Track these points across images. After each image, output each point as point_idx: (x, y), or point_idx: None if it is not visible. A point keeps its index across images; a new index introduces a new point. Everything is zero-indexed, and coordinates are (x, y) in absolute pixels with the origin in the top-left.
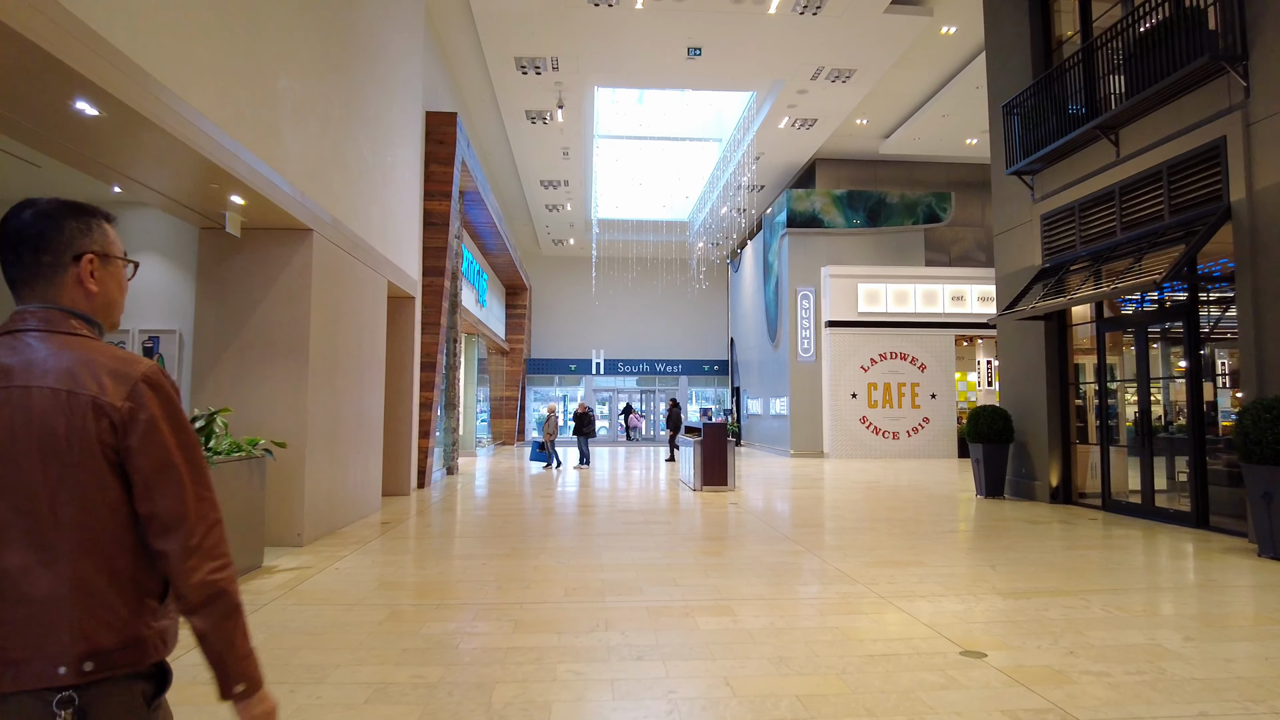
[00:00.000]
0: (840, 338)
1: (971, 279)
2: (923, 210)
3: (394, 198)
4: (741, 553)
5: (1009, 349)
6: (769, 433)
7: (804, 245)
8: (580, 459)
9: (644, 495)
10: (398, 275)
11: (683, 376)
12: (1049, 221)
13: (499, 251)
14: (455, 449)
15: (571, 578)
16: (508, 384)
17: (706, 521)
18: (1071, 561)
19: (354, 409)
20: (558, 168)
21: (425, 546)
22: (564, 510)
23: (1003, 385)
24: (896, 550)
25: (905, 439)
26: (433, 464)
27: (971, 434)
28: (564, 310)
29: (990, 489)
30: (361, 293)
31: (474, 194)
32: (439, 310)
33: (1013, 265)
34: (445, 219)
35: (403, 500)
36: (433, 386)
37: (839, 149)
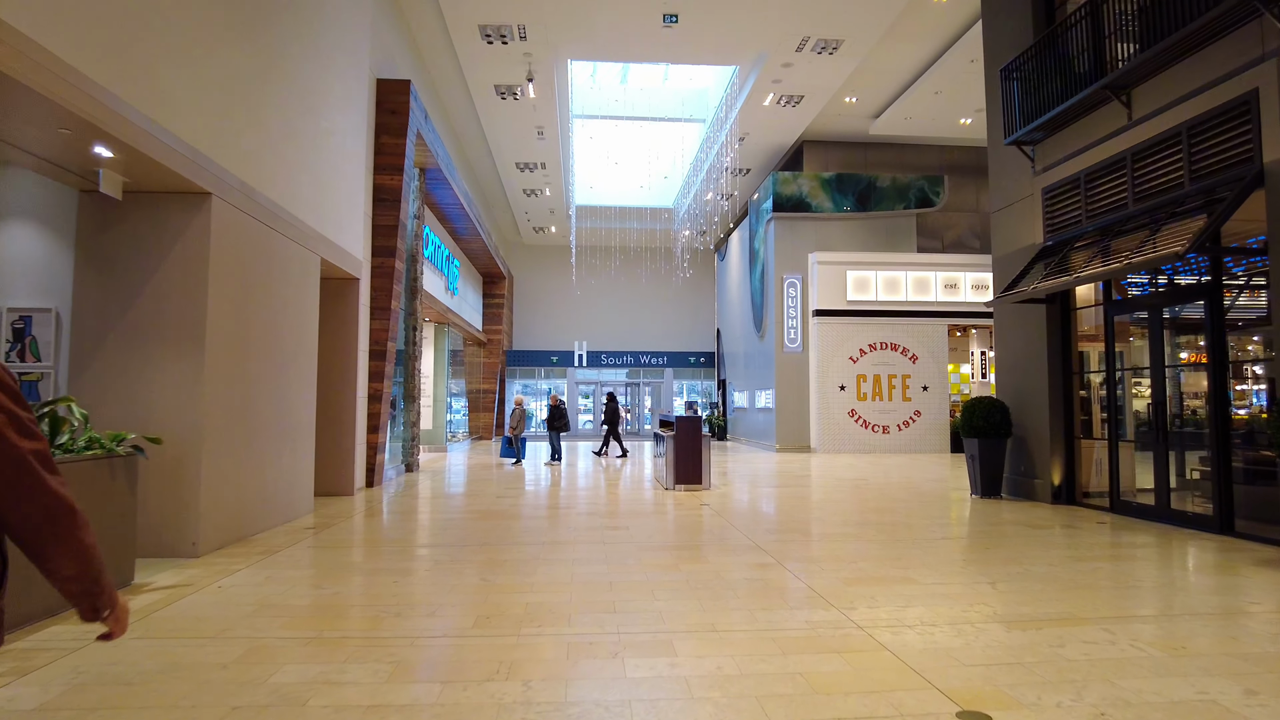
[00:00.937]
0: (828, 327)
1: (966, 266)
2: (915, 194)
3: (331, 168)
4: (702, 566)
5: (1006, 335)
6: (755, 427)
7: (791, 231)
8: (551, 455)
9: (611, 495)
10: (336, 254)
11: (668, 369)
12: (1051, 195)
13: (470, 236)
14: (415, 444)
15: (492, 601)
16: (485, 376)
17: (672, 526)
18: (1083, 577)
19: (274, 400)
20: (533, 149)
21: (340, 558)
22: (517, 513)
23: (999, 375)
24: (882, 562)
25: (895, 433)
26: (384, 461)
27: (966, 428)
28: (547, 301)
29: (986, 488)
30: (285, 270)
31: (437, 172)
32: (390, 294)
33: (1011, 244)
34: (398, 195)
35: (344, 501)
36: (384, 377)
37: (827, 130)
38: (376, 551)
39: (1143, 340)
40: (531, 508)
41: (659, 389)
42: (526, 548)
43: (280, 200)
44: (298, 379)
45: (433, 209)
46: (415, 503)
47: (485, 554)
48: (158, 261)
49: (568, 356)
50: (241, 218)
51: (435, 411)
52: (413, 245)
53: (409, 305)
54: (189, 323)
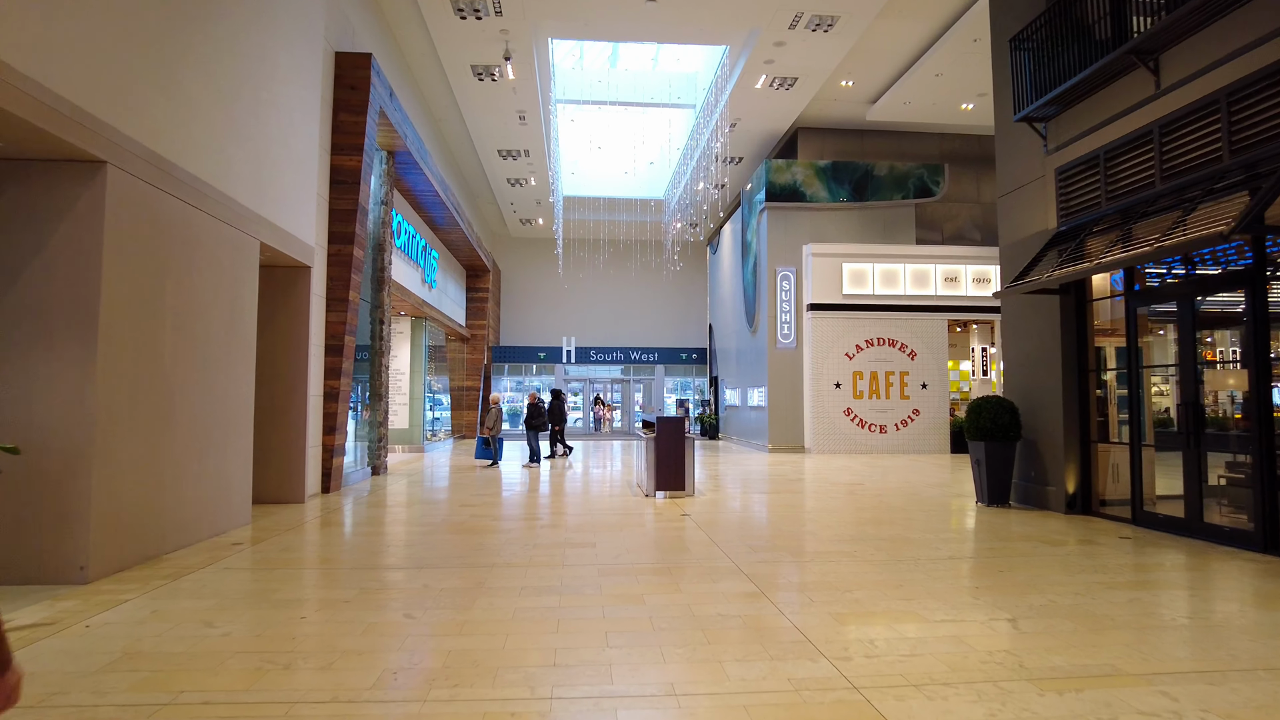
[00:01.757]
0: (823, 322)
1: (967, 258)
2: (914, 183)
3: (276, 145)
4: (672, 597)
5: (1016, 330)
6: (747, 426)
7: (784, 221)
8: (530, 456)
9: (584, 504)
10: (280, 238)
11: (659, 366)
12: (1066, 176)
13: (449, 227)
14: (383, 446)
15: (410, 646)
16: (469, 373)
17: (645, 543)
18: (1119, 611)
19: (197, 399)
20: (515, 135)
21: (254, 583)
22: (474, 525)
23: (1007, 373)
24: (881, 590)
25: (893, 433)
26: (343, 465)
27: (971, 430)
28: (535, 296)
29: (993, 495)
30: (213, 254)
31: (407, 155)
32: (348, 284)
33: (1020, 231)
34: (357, 177)
35: (290, 511)
36: (341, 373)
37: (822, 116)
38: (299, 575)
39: (1168, 334)
40: (493, 519)
41: (649, 386)
42: (473, 571)
43: (206, 175)
44: (230, 375)
45: (406, 196)
46: (368, 513)
47: (422, 579)
48: (41, 239)
49: (556, 353)
50: (150, 192)
51: (412, 410)
52: (379, 233)
53: (375, 297)
54: (78, 310)
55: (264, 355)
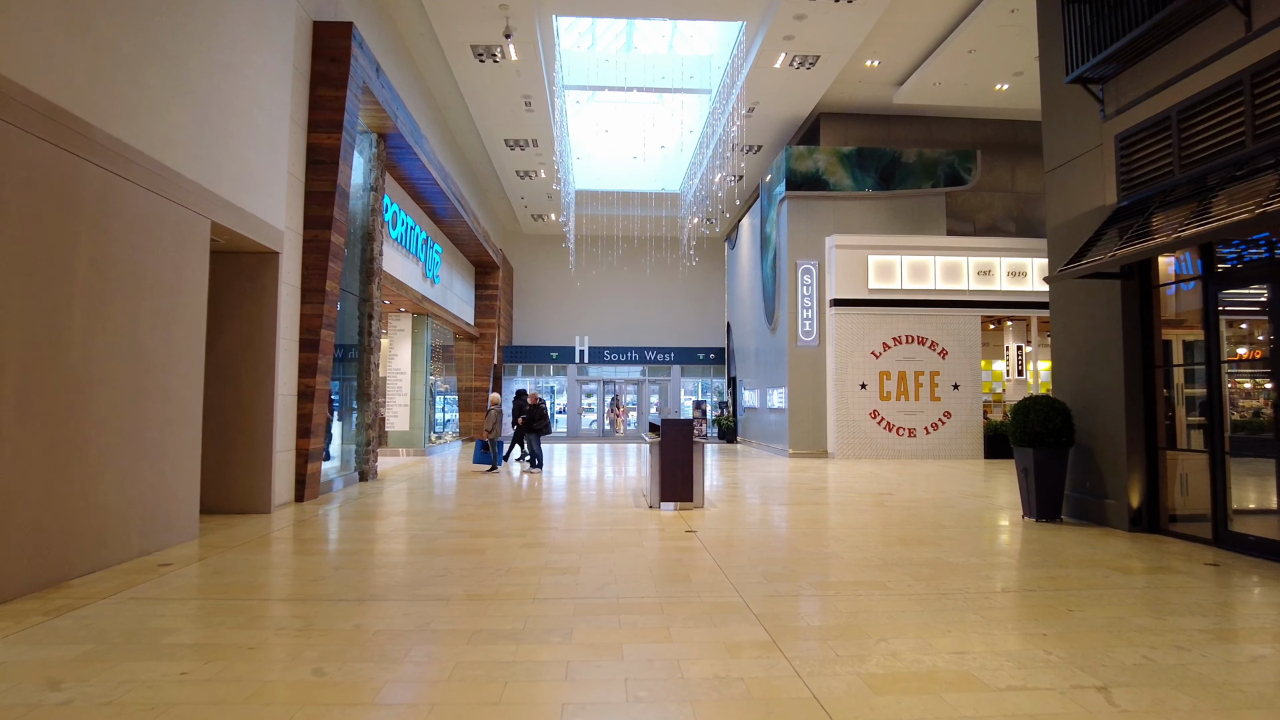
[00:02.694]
0: (847, 319)
1: (1001, 250)
2: (944, 171)
3: (232, 114)
4: (657, 649)
5: (1067, 321)
6: (766, 429)
7: (805, 211)
8: (531, 461)
9: (578, 517)
10: (239, 219)
11: (675, 366)
12: (1128, 143)
13: (453, 219)
14: (371, 450)
15: (304, 716)
16: (478, 373)
17: (637, 569)
18: (1247, 678)
19: (120, 397)
20: (521, 122)
21: (147, 623)
22: (450, 543)
23: (1057, 370)
24: (924, 639)
25: (922, 436)
26: (320, 470)
27: (1019, 435)
28: (548, 294)
29: (1043, 509)
30: (144, 233)
31: (400, 139)
32: (325, 273)
33: (1071, 209)
34: (336, 156)
35: (251, 523)
36: (317, 371)
37: (846, 100)
38: (215, 609)
39: (1252, 324)
40: (471, 535)
41: (665, 387)
42: (423, 606)
43: (137, 141)
44: (171, 370)
45: (403, 184)
46: (335, 527)
47: (357, 617)
48: None
49: (569, 353)
50: (52, 154)
51: (413, 411)
52: (368, 220)
53: (364, 290)
54: None
55: (225, 350)
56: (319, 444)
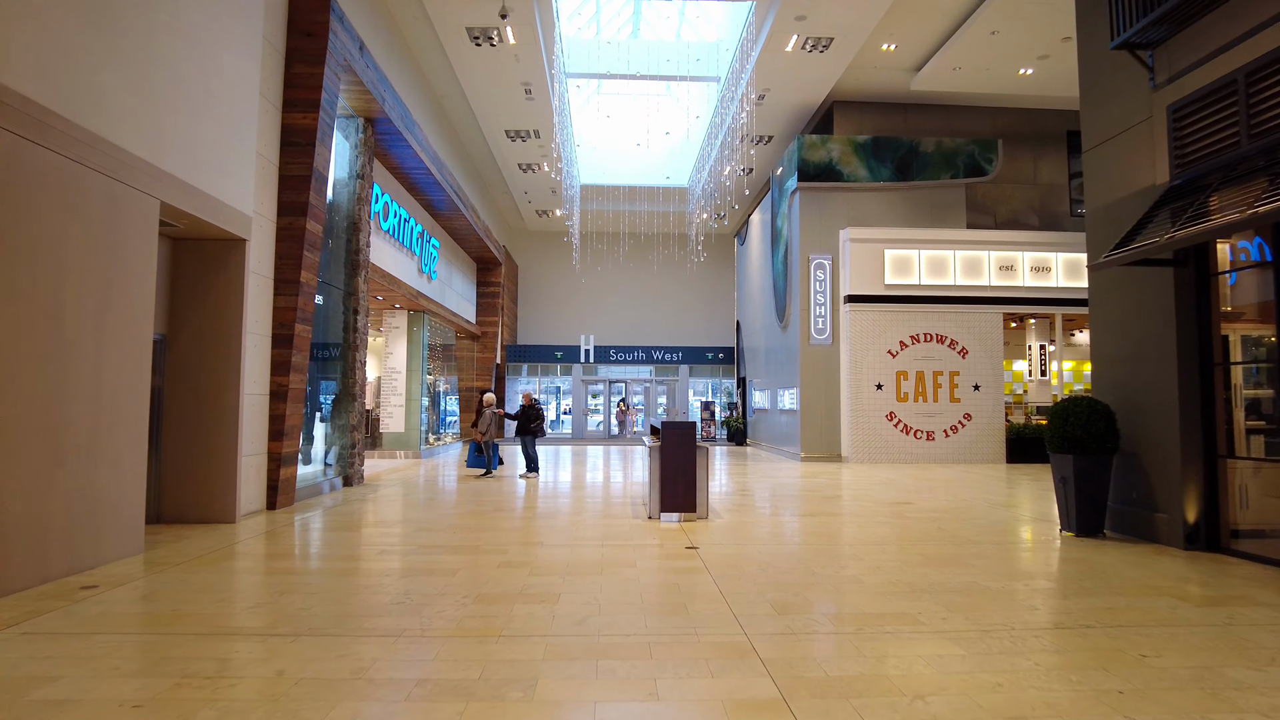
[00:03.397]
0: (862, 316)
1: (1024, 244)
2: (964, 161)
3: (185, 82)
4: (637, 713)
5: (1110, 315)
6: (777, 431)
7: (818, 203)
8: (526, 465)
9: (569, 530)
10: (197, 202)
11: (683, 366)
12: (1183, 113)
13: (450, 212)
14: (357, 453)
15: None
16: (480, 373)
17: (626, 596)
18: None
19: (37, 394)
20: (522, 112)
21: (22, 668)
22: (418, 562)
23: (1098, 368)
24: (968, 694)
25: (941, 440)
26: (295, 476)
27: (1056, 439)
28: (553, 292)
29: (1084, 523)
30: (70, 210)
31: (389, 124)
32: (300, 263)
33: (1114, 191)
34: (313, 137)
35: (209, 535)
36: (291, 368)
37: (861, 87)
38: (117, 648)
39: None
40: (445, 551)
41: (673, 388)
42: (364, 644)
43: (58, 106)
44: (107, 365)
45: (395, 174)
46: (300, 539)
47: (283, 659)
48: None
49: (574, 352)
50: None
51: (409, 411)
52: (353, 209)
53: (349, 283)
54: None
55: (186, 345)
56: (294, 447)
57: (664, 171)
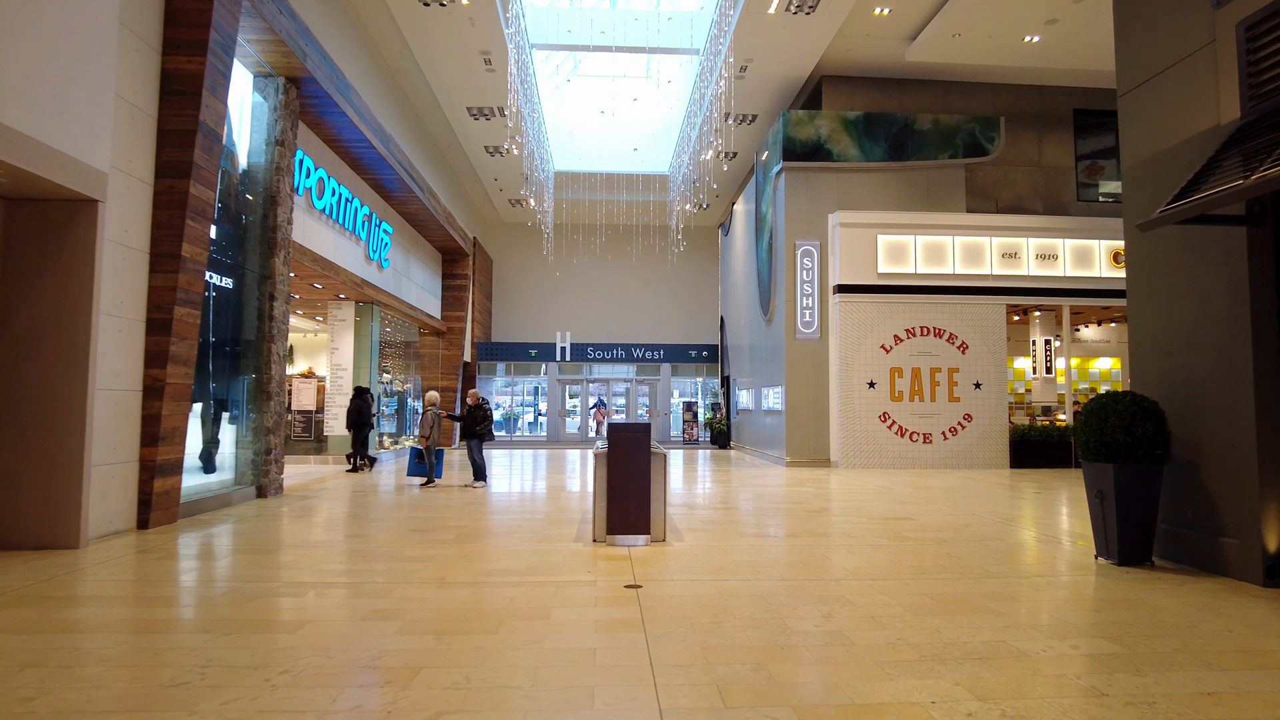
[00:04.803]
0: (853, 308)
1: (1029, 230)
2: (963, 140)
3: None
4: None
5: (1154, 291)
6: (762, 433)
7: (805, 184)
8: (474, 474)
9: (490, 557)
10: (23, 151)
11: (665, 364)
12: (1260, 30)
13: (403, 195)
14: (274, 458)
15: None
16: (445, 371)
17: (514, 676)
18: None
19: None
20: (483, 86)
21: None
22: (265, 608)
23: (1139, 358)
24: None
25: (940, 443)
26: (179, 486)
27: (1093, 445)
28: (528, 287)
29: (1127, 548)
30: None
31: (317, 87)
32: (181, 234)
33: (1161, 138)
34: (199, 85)
35: (34, 563)
36: (170, 359)
37: (851, 60)
38: None
39: None
40: (315, 588)
41: (655, 387)
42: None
43: None
44: None
45: (333, 146)
46: (139, 574)
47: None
48: None
49: (549, 350)
50: None
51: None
52: (271, 180)
53: (264, 265)
54: None
55: (20, 330)
56: (175, 454)
57: (643, 158)
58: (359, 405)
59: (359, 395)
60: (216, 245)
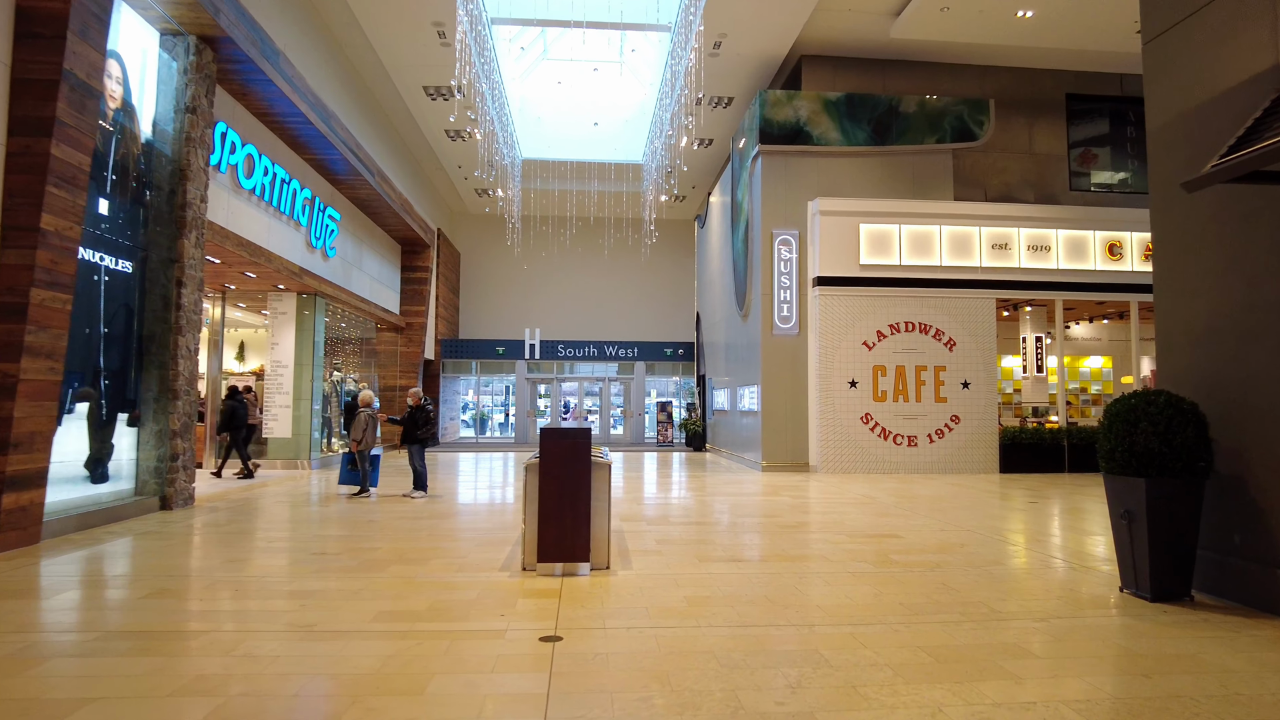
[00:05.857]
0: (834, 301)
1: (1020, 219)
2: (950, 124)
3: None
4: None
5: (1190, 272)
6: (737, 435)
7: (783, 169)
8: (414, 483)
9: (387, 594)
10: None
11: (639, 363)
12: None
13: (352, 179)
14: (180, 465)
15: None
16: (403, 370)
17: None
18: None
19: None
20: (439, 63)
21: None
22: (76, 673)
23: (1171, 352)
24: None
25: (925, 446)
26: (42, 501)
27: (1120, 455)
28: (497, 281)
29: (1161, 581)
30: None
31: (236, 49)
32: (41, 202)
33: (1198, 90)
34: (63, 28)
35: None
36: (25, 351)
37: (833, 38)
38: None
39: None
40: (138, 639)
41: (629, 387)
42: None
43: None
44: None
45: (266, 120)
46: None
47: None
48: None
49: (518, 347)
50: None
51: (297, 414)
52: (180, 151)
53: (170, 247)
54: None
55: None
56: (35, 463)
57: (616, 146)
58: (232, 407)
59: (232, 396)
60: (109, 222)
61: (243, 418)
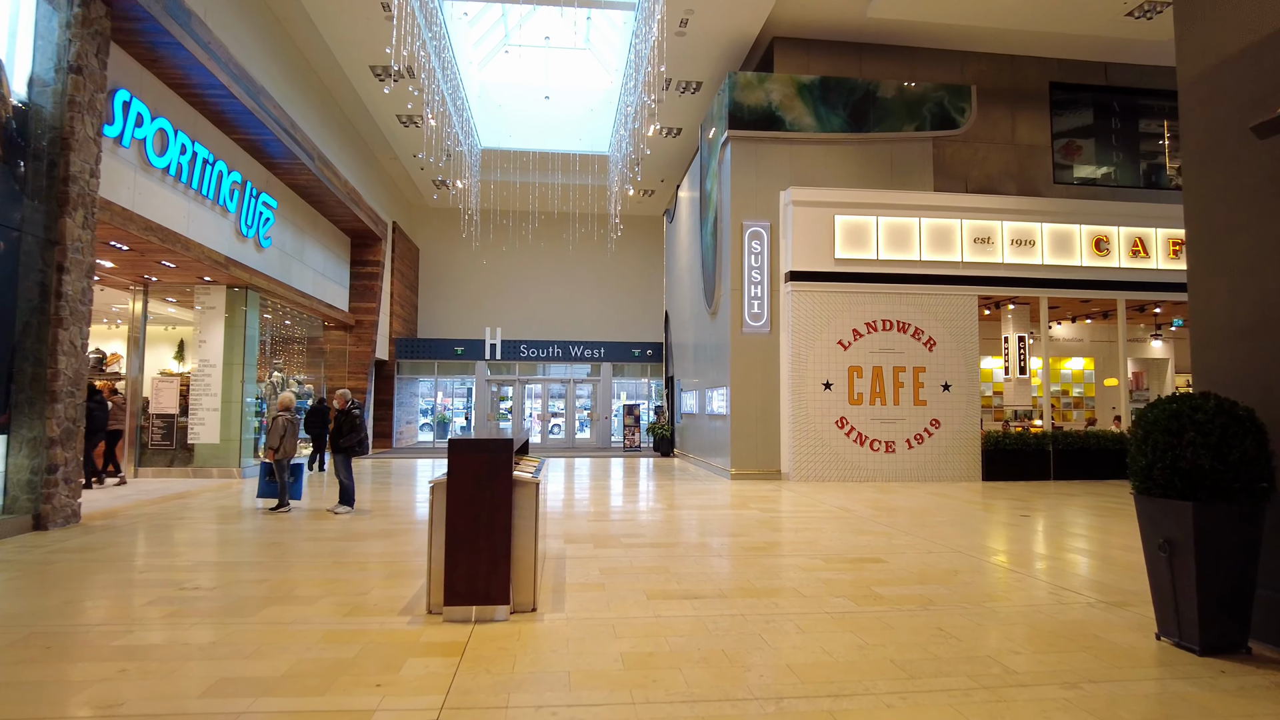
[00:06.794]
0: (807, 298)
1: (1004, 211)
2: (930, 110)
3: None
4: None
5: (1233, 251)
6: (706, 440)
7: (754, 156)
8: (340, 497)
9: (259, 644)
10: None
11: (606, 364)
12: None
13: (288, 162)
14: (60, 478)
15: None
16: (353, 371)
17: None
18: None
19: None
20: (384, 39)
21: None
22: None
23: (1208, 350)
24: None
25: (904, 452)
26: None
27: (1160, 471)
28: (457, 278)
29: (1211, 630)
30: None
31: (135, 5)
32: None
33: (1242, 33)
34: None
35: None
36: None
37: (807, 18)
38: None
39: None
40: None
41: (596, 389)
42: None
43: None
44: None
45: (184, 93)
46: None
47: None
48: None
49: (478, 347)
50: None
51: (226, 418)
52: (63, 118)
53: (49, 227)
54: None
55: None
56: None
57: (581, 138)
58: (89, 409)
59: (90, 397)
60: None
61: (101, 420)
